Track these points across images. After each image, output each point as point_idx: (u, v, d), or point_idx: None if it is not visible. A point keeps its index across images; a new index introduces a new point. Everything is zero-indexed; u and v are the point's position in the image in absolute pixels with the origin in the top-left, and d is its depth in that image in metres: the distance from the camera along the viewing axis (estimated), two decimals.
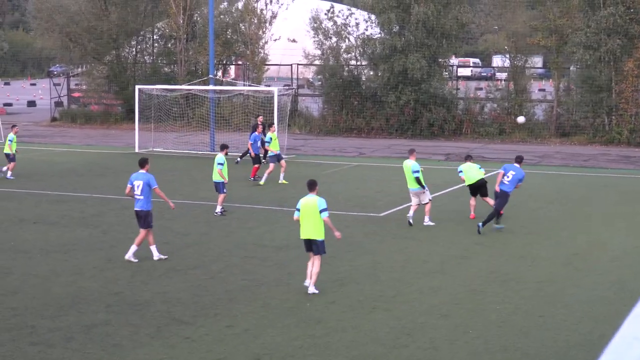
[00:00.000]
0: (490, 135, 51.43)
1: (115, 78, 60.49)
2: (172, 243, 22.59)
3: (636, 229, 25.13)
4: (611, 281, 19.10)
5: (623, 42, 47.85)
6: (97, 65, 61.62)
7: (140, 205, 20.92)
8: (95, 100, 62.73)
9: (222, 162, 27.21)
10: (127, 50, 62.35)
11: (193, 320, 16.01)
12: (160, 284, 18.45)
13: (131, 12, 59.79)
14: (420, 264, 20.51)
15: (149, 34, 63.02)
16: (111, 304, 16.98)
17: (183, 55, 58.20)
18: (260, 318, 16.15)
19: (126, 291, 17.93)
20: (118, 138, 51.55)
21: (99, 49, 60.09)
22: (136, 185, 20.99)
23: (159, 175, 35.76)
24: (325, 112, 56.00)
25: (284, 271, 19.68)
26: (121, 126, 57.49)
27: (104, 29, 58.30)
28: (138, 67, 62.08)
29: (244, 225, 25.32)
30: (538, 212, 27.65)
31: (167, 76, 58.97)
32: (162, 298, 17.38)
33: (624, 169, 39.24)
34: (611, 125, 49.19)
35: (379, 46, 52.89)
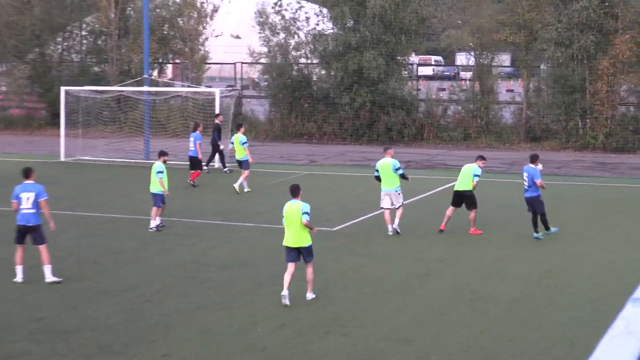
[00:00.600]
0: (454, 141, 51.67)
1: (38, 78, 59.96)
2: (103, 262, 22.34)
3: (614, 243, 25.31)
4: (587, 300, 19.19)
5: (597, 38, 48.29)
6: (19, 65, 61.04)
7: (30, 220, 20.29)
8: (17, 103, 62.19)
9: (162, 171, 26.90)
10: (52, 47, 61.92)
11: (125, 349, 15.80)
12: (89, 309, 18.21)
13: (56, 6, 59.43)
14: (378, 283, 20.45)
15: (77, 30, 62.60)
16: (33, 332, 16.70)
17: (115, 53, 57.86)
18: (200, 346, 15.98)
19: (51, 317, 17.66)
20: (42, 145, 51.07)
21: (21, 46, 59.52)
22: (25, 197, 20.32)
23: (88, 186, 35.62)
24: (272, 116, 55.97)
25: (228, 293, 19.52)
26: (45, 132, 56.96)
27: (26, 24, 57.84)
28: (64, 67, 61.65)
29: (184, 241, 25.12)
30: (507, 225, 27.75)
31: (97, 76, 58.60)
32: (91, 324, 17.14)
33: (599, 177, 39.59)
34: (585, 129, 49.62)
35: (332, 43, 53.00)
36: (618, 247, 24.71)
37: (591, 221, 28.57)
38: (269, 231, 26.31)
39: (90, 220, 28.02)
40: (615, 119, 49.43)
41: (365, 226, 27.44)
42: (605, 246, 24.80)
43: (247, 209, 30.20)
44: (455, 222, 27.38)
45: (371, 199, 31.62)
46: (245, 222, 27.79)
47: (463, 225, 27.39)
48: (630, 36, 48.52)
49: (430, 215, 29.23)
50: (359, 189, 34.06)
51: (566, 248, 24.50)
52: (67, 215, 28.68)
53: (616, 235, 26.39)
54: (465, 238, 25.70)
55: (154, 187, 26.91)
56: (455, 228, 26.88)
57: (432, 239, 25.50)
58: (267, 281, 20.45)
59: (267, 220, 28.04)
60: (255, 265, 22.12)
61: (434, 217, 28.75)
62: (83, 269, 21.59)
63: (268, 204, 30.64)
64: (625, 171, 41.66)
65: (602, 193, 34.88)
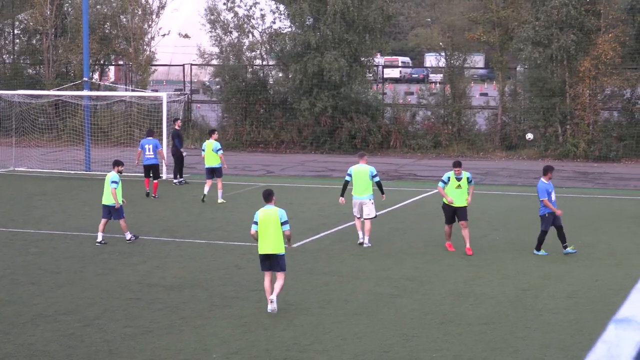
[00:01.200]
0: (424, 149, 51.84)
1: None
2: (39, 283, 22.25)
3: (597, 260, 25.49)
4: (568, 321, 19.33)
5: (578, 37, 48.63)
6: None
7: None
8: None
9: (117, 181, 27.12)
10: None
11: None
12: (25, 334, 18.15)
13: None
14: (341, 305, 20.51)
15: (9, 28, 62.27)
16: None
17: (51, 53, 57.66)
18: None
19: None
20: None
21: None
22: None
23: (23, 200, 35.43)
24: (225, 122, 55.95)
25: (177, 315, 19.51)
26: None
27: None
28: None
29: (128, 260, 25.07)
30: (481, 241, 27.87)
31: (32, 79, 58.35)
32: (27, 351, 17.08)
33: (581, 188, 39.84)
34: (565, 136, 49.94)
35: (289, 42, 53.08)
36: (601, 264, 24.90)
37: (572, 236, 28.66)
38: (222, 249, 26.33)
39: (25, 237, 27.88)
40: (598, 125, 49.77)
41: (327, 242, 27.50)
42: (588, 263, 24.99)
43: (198, 224, 30.19)
44: (426, 238, 27.54)
45: (333, 213, 31.74)
46: (195, 239, 27.76)
47: (434, 240, 27.54)
48: (614, 35, 48.88)
49: (399, 230, 29.38)
50: (320, 202, 34.12)
51: (545, 265, 24.65)
52: (0, 232, 28.57)
53: (599, 251, 26.58)
54: (437, 255, 25.81)
55: (107, 199, 26.97)
56: (426, 244, 27.03)
57: (401, 256, 25.58)
58: (220, 303, 20.46)
59: (220, 237, 28.06)
60: (207, 286, 22.11)
61: (402, 232, 28.93)
62: (18, 290, 21.51)
63: (221, 220, 30.65)
64: (608, 181, 41.98)
65: (583, 206, 35.10)
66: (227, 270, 23.71)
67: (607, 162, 48.11)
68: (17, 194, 37.44)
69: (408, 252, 26.06)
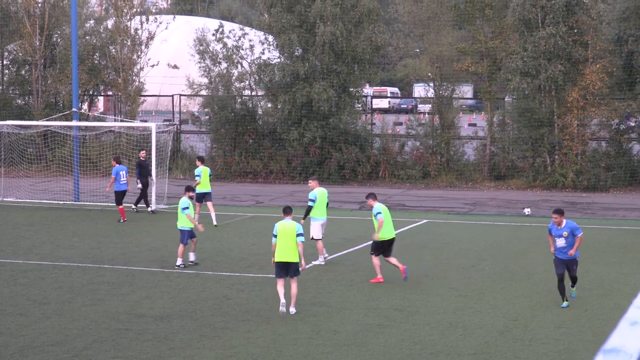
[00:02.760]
0: (413, 179, 51.90)
1: None
2: (27, 314, 22.19)
3: (585, 290, 25.50)
4: (557, 351, 19.33)
5: (566, 67, 48.82)
6: None
7: None
8: None
9: (187, 206, 27.98)
10: None
11: None
12: None
13: None
14: (330, 335, 20.49)
15: None
16: None
17: (40, 84, 57.68)
18: None
19: None
20: None
21: None
22: None
23: (11, 231, 35.37)
24: (214, 153, 55.96)
25: (166, 346, 19.47)
26: None
27: None
28: None
29: (117, 290, 25.02)
30: (469, 271, 27.89)
31: (21, 109, 58.31)
32: None
33: (570, 218, 39.79)
34: (554, 166, 50.04)
35: (278, 73, 53.18)
36: (590, 294, 24.94)
37: None
38: (211, 279, 26.31)
39: (14, 267, 27.82)
40: (586, 155, 49.87)
41: (315, 272, 27.48)
42: (578, 293, 25.01)
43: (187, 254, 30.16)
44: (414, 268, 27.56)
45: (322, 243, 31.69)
46: (184, 270, 27.73)
47: (423, 271, 27.57)
48: (601, 65, 49.09)
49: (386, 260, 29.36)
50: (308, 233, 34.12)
51: (533, 295, 24.67)
52: None
53: (588, 281, 26.60)
54: (425, 285, 25.82)
55: (181, 223, 27.79)
56: (414, 274, 27.04)
57: (389, 286, 25.58)
58: (209, 334, 20.43)
59: (209, 267, 28.03)
60: (196, 316, 22.07)
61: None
62: (5, 321, 21.44)
63: (210, 250, 30.61)
64: (597, 211, 42.04)
65: None
66: (216, 300, 23.67)
67: (595, 192, 48.20)
68: (5, 224, 37.36)
69: (397, 283, 26.05)
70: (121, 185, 38.32)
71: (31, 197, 44.57)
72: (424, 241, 33.45)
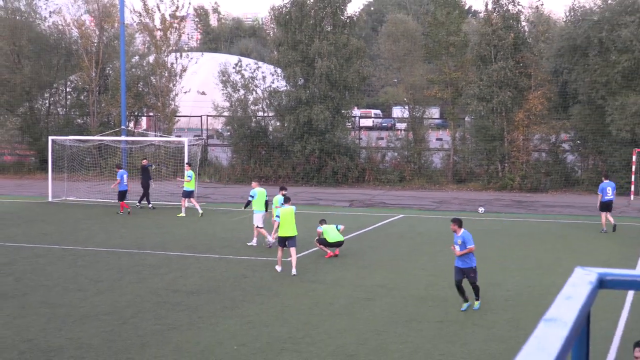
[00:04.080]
0: (392, 182, 51.91)
1: (28, 129, 59.56)
2: (85, 290, 22.18)
3: (528, 270, 25.51)
4: (506, 319, 19.34)
5: (514, 94, 48.87)
6: (10, 117, 60.59)
7: None
8: (9, 151, 61.61)
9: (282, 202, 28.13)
10: (41, 102, 61.52)
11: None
12: (74, 330, 18.07)
13: (44, 66, 59.09)
14: (326, 306, 20.49)
15: (62, 87, 62.24)
16: (24, 351, 16.55)
17: (95, 107, 57.68)
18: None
19: (39, 338, 17.50)
20: (31, 188, 50.61)
21: (12, 101, 59.13)
22: None
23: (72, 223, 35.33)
24: (234, 161, 55.94)
25: (196, 315, 19.46)
26: (34, 176, 56.55)
27: (17, 82, 57.44)
28: (51, 119, 61.23)
29: (157, 271, 25.01)
30: (437, 255, 27.88)
31: (80, 127, 58.30)
32: (75, 344, 17.01)
33: (517, 214, 39.91)
34: (504, 172, 50.07)
35: (285, 98, 53.19)
36: (532, 273, 24.93)
37: (509, 252, 28.76)
38: (232, 262, 26.30)
39: (74, 253, 27.81)
40: (530, 164, 49.90)
41: (313, 257, 27.48)
42: (522, 273, 25.01)
43: (213, 242, 30.12)
44: (393, 253, 27.56)
45: None
46: (210, 254, 27.71)
47: (399, 255, 27.56)
48: (542, 92, 49.14)
49: (371, 247, 29.37)
50: (309, 225, 34.08)
51: (487, 275, 24.64)
52: (54, 249, 28.49)
53: (530, 263, 26.61)
54: (402, 267, 25.81)
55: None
56: (393, 258, 27.03)
57: (374, 268, 25.58)
58: (231, 305, 20.42)
59: (230, 252, 28.03)
60: (220, 291, 22.06)
61: (374, 249, 28.90)
62: (68, 296, 21.44)
63: (231, 239, 30.60)
64: (538, 208, 42.04)
65: (519, 227, 35.16)
66: (236, 279, 23.66)
67: (537, 193, 48.20)
68: (67, 218, 37.31)
69: (379, 265, 26.05)
70: (123, 186, 38.98)
71: (88, 197, 44.49)
72: (400, 232, 33.43)
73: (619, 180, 46.49)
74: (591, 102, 47.79)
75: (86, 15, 60.57)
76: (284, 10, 53.29)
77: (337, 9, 52.85)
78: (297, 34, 52.47)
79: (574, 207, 42.33)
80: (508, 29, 49.37)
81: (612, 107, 46.18)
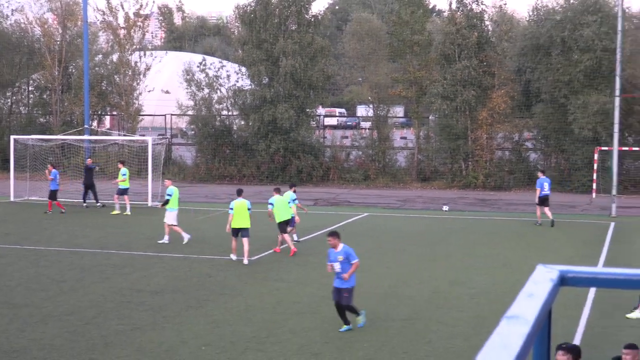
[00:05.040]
0: (356, 181, 51.97)
1: None
2: (48, 290, 21.98)
3: (493, 268, 25.64)
4: (470, 317, 19.41)
5: (477, 92, 49.11)
6: None
7: None
8: None
9: (295, 199, 29.78)
10: (2, 101, 60.97)
11: None
12: (36, 331, 17.90)
13: (6, 64, 58.60)
14: (291, 305, 20.45)
15: (25, 85, 61.76)
16: None
17: (58, 106, 57.26)
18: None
19: (1, 339, 17.30)
20: None
21: None
22: None
23: (34, 223, 35.03)
24: (198, 160, 55.78)
25: (160, 315, 19.35)
26: None
27: None
28: (13, 118, 60.75)
29: (120, 271, 24.85)
30: (402, 253, 27.95)
31: (43, 126, 57.86)
32: (38, 345, 16.85)
33: (481, 211, 40.11)
34: (468, 170, 50.30)
35: (250, 97, 53.12)
36: (497, 271, 25.05)
37: (474, 249, 28.89)
38: (196, 261, 26.20)
39: (37, 253, 27.57)
40: (493, 162, 50.19)
41: (279, 256, 27.45)
42: (486, 271, 25.12)
43: (178, 242, 29.99)
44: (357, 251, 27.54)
45: None
46: (175, 254, 27.58)
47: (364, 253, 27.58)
48: (505, 91, 49.44)
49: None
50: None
51: (452, 273, 24.76)
52: (16, 249, 28.23)
53: (495, 261, 26.74)
54: (366, 265, 25.80)
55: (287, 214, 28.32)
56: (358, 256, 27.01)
57: None
58: (195, 305, 20.33)
59: (194, 252, 27.91)
60: (184, 291, 21.96)
61: None
62: (30, 296, 21.23)
63: (195, 238, 30.45)
64: (502, 206, 42.27)
65: (483, 225, 35.34)
66: (200, 278, 23.57)
67: (500, 191, 48.48)
68: (30, 218, 37.00)
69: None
70: (55, 185, 38.87)
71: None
72: (365, 230, 33.49)
73: (582, 179, 46.98)
74: (554, 101, 48.17)
75: (49, 14, 60.14)
76: (248, 9, 53.24)
77: (301, 7, 52.86)
78: (262, 33, 52.41)
79: None
80: (472, 28, 49.62)
81: (574, 105, 46.57)
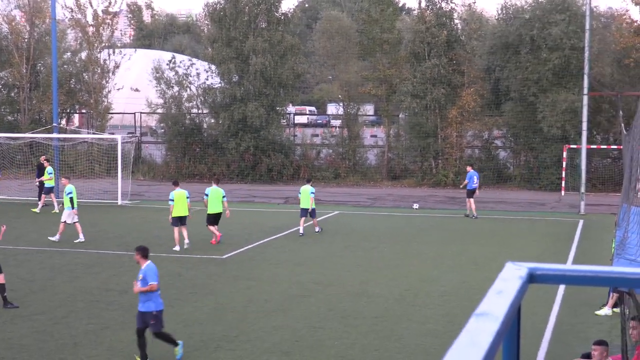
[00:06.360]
0: (327, 179, 52.03)
1: None
2: (17, 289, 21.83)
3: (463, 266, 25.76)
4: (441, 314, 19.49)
5: (447, 91, 49.33)
6: None
7: None
8: None
9: (314, 192, 31.89)
10: None
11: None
12: (5, 331, 17.79)
13: None
14: (262, 304, 20.45)
15: None
16: None
17: (26, 104, 56.88)
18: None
19: None
20: None
21: None
22: None
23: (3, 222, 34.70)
24: (168, 159, 55.64)
25: (130, 314, 19.24)
26: None
27: None
28: None
29: (90, 270, 24.73)
30: (372, 252, 28.01)
31: (11, 124, 57.45)
32: (6, 345, 16.75)
33: (451, 210, 40.26)
34: (438, 169, 50.50)
35: (220, 95, 53.03)
36: (467, 269, 25.17)
37: (444, 248, 28.99)
38: (167, 260, 26.09)
39: (5, 252, 27.33)
40: (463, 160, 50.35)
41: (250, 254, 27.42)
42: (456, 269, 25.23)
43: (148, 241, 29.81)
44: (328, 249, 27.60)
45: (255, 231, 31.71)
46: None
47: (334, 252, 27.62)
48: (475, 89, 49.68)
49: (307, 243, 29.39)
50: (244, 222, 34.03)
51: (422, 271, 24.85)
52: None
53: (465, 259, 26.86)
54: (337, 263, 25.86)
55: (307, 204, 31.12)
56: (328, 254, 27.08)
57: (309, 264, 25.59)
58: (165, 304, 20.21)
59: (164, 251, 27.79)
60: None
61: (309, 246, 28.93)
62: None
63: (164, 237, 30.35)
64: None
65: (453, 223, 35.48)
66: (170, 277, 23.48)
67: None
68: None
69: (314, 261, 26.08)
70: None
71: (19, 195, 43.86)
72: (335, 228, 33.53)
73: (550, 177, 47.28)
74: (523, 99, 48.44)
75: (16, 11, 59.79)
76: (218, 6, 53.16)
77: (271, 5, 52.84)
78: (232, 31, 52.35)
79: (506, 202, 42.85)
80: (441, 26, 49.82)
81: (543, 104, 46.86)
